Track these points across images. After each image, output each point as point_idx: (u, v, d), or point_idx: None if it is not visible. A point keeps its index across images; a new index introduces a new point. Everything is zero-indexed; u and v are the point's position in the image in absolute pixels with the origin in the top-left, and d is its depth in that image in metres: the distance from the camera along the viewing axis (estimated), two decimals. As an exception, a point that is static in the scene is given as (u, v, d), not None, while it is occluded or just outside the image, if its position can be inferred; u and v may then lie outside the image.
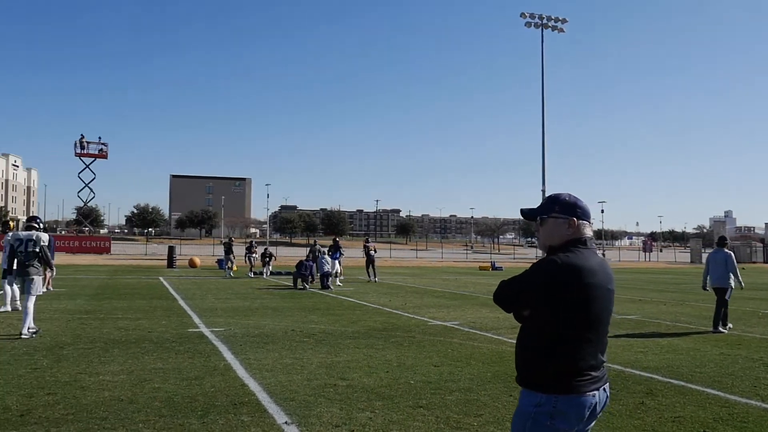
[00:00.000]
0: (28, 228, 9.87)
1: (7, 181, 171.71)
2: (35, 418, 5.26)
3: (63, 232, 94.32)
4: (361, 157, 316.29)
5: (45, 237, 9.85)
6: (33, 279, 9.66)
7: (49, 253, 9.94)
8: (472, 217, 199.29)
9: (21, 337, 9.20)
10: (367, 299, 17.13)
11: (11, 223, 12.08)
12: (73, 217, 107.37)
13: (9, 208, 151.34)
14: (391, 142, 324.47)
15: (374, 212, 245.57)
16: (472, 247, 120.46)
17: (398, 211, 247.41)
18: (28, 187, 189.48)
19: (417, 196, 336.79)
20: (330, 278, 21.27)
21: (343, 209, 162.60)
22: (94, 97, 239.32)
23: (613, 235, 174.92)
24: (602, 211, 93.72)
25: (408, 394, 6.43)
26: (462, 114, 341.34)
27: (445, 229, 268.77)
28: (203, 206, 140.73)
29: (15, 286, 12.42)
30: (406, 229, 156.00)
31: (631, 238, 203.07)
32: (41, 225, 10.09)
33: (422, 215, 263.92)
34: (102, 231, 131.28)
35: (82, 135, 61.90)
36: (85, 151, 62.40)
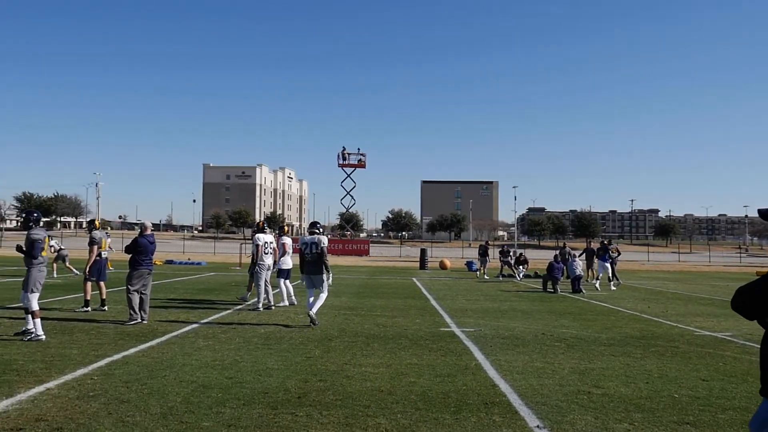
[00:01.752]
0: (311, 232, 11.15)
1: (283, 191, 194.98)
2: (310, 401, 5.87)
3: (328, 236, 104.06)
4: (613, 156, 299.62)
5: (325, 240, 11.04)
6: (320, 276, 10.91)
7: (326, 254, 11.07)
8: (746, 216, 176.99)
9: (309, 319, 10.81)
10: (623, 305, 16.14)
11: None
12: (337, 222, 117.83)
13: (285, 215, 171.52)
14: (647, 139, 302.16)
15: (629, 213, 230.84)
16: (746, 250, 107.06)
17: (656, 211, 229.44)
18: (300, 196, 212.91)
19: (678, 195, 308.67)
20: (580, 282, 20.46)
21: (594, 210, 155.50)
22: (355, 112, 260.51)
23: None
24: None
25: (672, 408, 5.92)
26: (737, 97, 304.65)
27: (712, 229, 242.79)
28: (452, 210, 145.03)
29: (289, 284, 14.05)
30: (665, 230, 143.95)
31: None
32: (321, 229, 11.31)
33: (685, 215, 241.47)
34: (361, 235, 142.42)
35: (343, 147, 67.69)
36: (347, 162, 68.14)
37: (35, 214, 9.17)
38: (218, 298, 15.45)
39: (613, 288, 21.85)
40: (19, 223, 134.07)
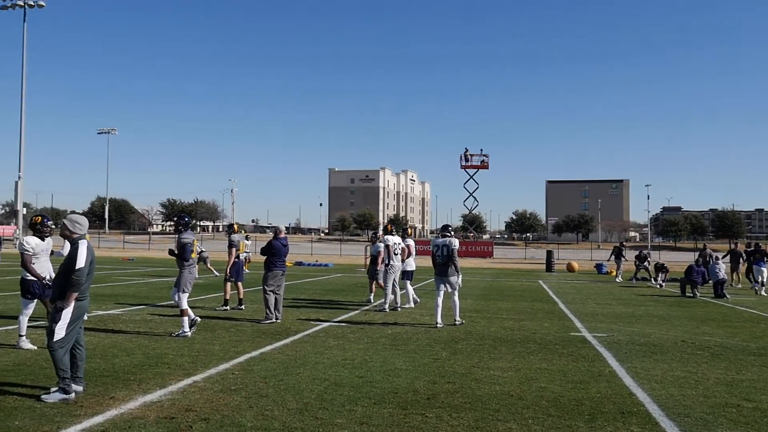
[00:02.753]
0: (442, 235, 11.28)
1: (406, 194, 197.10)
2: (439, 402, 5.90)
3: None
4: (757, 150, 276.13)
5: (456, 243, 11.11)
6: (451, 278, 11.01)
7: (456, 257, 11.11)
8: None
9: (455, 324, 11.16)
10: (774, 312, 14.85)
11: (236, 226, 13.95)
12: (460, 224, 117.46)
13: (408, 217, 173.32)
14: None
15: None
16: None
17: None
18: (423, 198, 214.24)
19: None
20: (723, 286, 19.02)
21: (738, 209, 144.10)
22: (477, 113, 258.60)
23: None
24: None
25: (837, 426, 5.37)
26: None
27: None
28: (579, 210, 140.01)
29: (410, 286, 14.18)
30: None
31: None
32: (452, 233, 11.40)
33: None
34: (484, 236, 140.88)
35: (466, 148, 67.44)
36: (469, 163, 67.81)
37: (186, 219, 9.87)
38: (345, 299, 15.88)
39: (764, 293, 20.15)
40: (165, 228, 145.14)
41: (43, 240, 8.02)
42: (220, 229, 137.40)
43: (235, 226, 13.68)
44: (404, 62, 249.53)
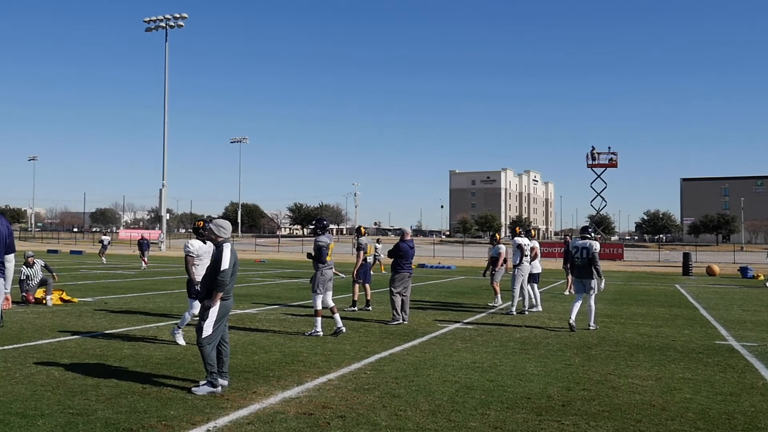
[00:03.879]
0: (582, 237, 11.04)
1: (528, 194, 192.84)
2: (574, 409, 5.71)
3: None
4: None
5: (596, 245, 10.81)
6: (590, 281, 10.77)
7: (597, 260, 10.81)
8: None
9: (589, 328, 10.84)
10: None
11: (363, 229, 13.82)
12: (586, 225, 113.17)
13: (531, 218, 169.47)
14: None
15: None
16: None
17: None
18: (546, 199, 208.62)
19: None
20: None
21: None
22: (604, 110, 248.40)
23: None
24: None
25: None
26: None
27: None
28: (719, 210, 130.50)
29: (537, 289, 13.86)
30: None
31: None
32: (592, 234, 11.11)
33: None
34: (613, 238, 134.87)
35: (592, 147, 64.97)
36: (596, 162, 65.22)
37: (324, 222, 10.20)
38: (470, 302, 15.78)
39: None
40: (292, 231, 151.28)
41: (204, 243, 8.45)
42: (344, 232, 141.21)
43: (362, 229, 14.01)
44: (521, 63, 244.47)
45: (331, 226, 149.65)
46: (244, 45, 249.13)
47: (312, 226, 11.27)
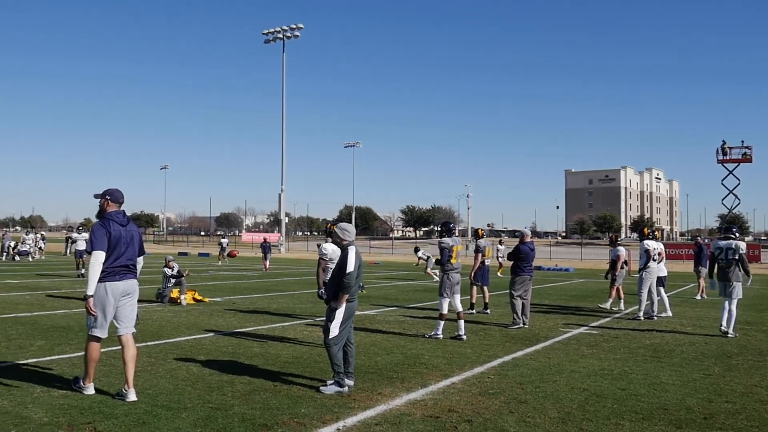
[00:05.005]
0: (725, 237, 10.47)
1: (651, 193, 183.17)
2: (719, 423, 5.33)
3: (705, 241, 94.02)
4: None
5: (743, 246, 10.21)
6: (733, 284, 10.17)
7: (746, 261, 10.22)
8: None
9: (727, 336, 10.17)
10: None
11: (480, 231, 13.16)
12: (716, 225, 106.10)
13: (654, 218, 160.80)
14: None
15: None
16: None
17: None
18: (670, 198, 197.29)
19: None
20: None
21: None
22: (733, 102, 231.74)
23: None
24: None
25: None
26: None
27: None
28: None
29: (664, 293, 13.11)
30: None
31: None
32: (737, 234, 10.49)
33: None
34: (747, 238, 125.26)
35: (723, 141, 60.62)
36: (728, 157, 60.88)
37: (450, 225, 10.22)
38: (592, 306, 15.19)
39: None
40: (405, 233, 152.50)
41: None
42: (456, 234, 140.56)
43: (480, 231, 13.86)
44: (643, 68, 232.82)
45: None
46: (357, 51, 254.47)
47: (437, 229, 11.29)
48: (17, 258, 34.66)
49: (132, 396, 5.70)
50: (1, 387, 6.08)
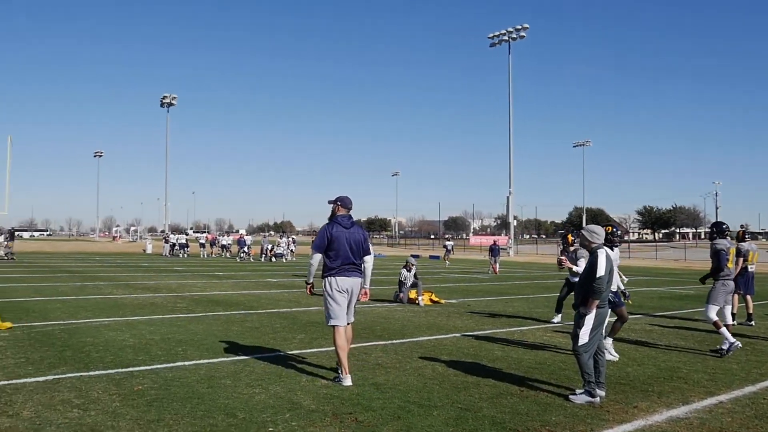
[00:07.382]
0: None
1: None
2: None
3: None
4: None
5: None
6: None
7: None
8: None
9: None
10: None
11: (742, 233, 10.60)
12: None
13: None
14: None
15: None
16: None
17: None
18: None
19: None
20: None
21: None
22: None
23: None
24: None
25: None
26: None
27: None
28: None
29: None
30: None
31: None
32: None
33: None
34: None
35: None
36: None
37: (722, 226, 9.25)
38: None
39: None
40: (642, 235, 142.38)
41: (612, 249, 8.29)
42: (702, 236, 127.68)
43: (741, 233, 12.36)
44: None
45: (686, 230, 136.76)
46: (582, 49, 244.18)
47: (709, 230, 10.03)
48: (273, 259, 38.88)
49: (347, 381, 6.34)
50: (274, 374, 6.79)
